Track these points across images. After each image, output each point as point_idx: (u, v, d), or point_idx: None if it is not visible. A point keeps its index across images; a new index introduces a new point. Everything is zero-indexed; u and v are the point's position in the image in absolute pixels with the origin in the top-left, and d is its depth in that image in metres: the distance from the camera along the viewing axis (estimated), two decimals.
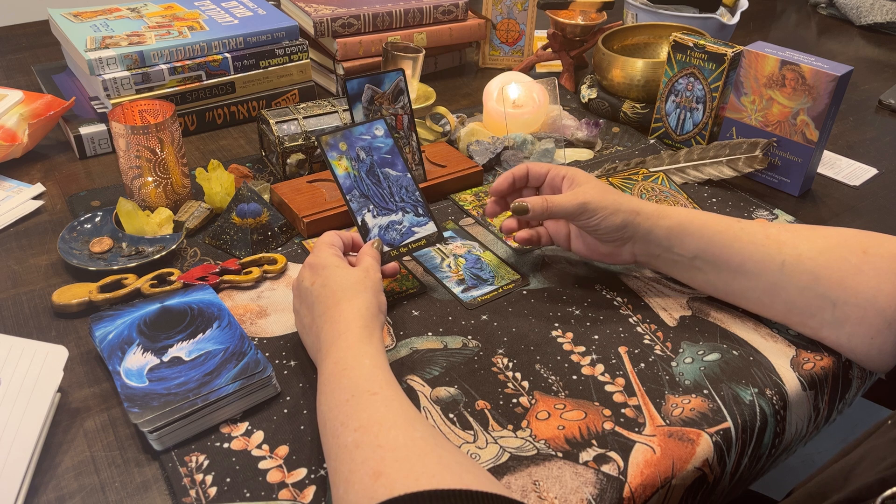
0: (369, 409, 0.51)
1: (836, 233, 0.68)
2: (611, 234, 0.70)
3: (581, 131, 1.02)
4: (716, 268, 0.69)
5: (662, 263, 0.73)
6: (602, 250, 0.73)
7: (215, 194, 0.83)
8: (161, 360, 0.62)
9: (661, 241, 0.70)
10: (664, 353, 0.69)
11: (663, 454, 0.59)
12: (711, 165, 0.95)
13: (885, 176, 1.01)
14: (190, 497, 0.54)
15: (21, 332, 0.69)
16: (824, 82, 0.86)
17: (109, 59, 0.95)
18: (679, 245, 0.70)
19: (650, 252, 0.71)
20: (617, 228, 0.69)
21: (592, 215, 0.69)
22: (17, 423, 0.56)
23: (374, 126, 0.75)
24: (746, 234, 0.68)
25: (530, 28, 1.24)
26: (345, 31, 1.11)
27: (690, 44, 0.96)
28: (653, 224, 0.70)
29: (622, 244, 0.72)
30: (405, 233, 0.73)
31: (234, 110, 1.05)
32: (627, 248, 0.72)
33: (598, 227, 0.69)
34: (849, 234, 0.67)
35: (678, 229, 0.69)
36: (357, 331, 0.58)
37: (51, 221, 0.84)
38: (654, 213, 0.70)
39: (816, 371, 0.67)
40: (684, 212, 0.71)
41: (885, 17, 1.52)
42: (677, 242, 0.70)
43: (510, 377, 0.65)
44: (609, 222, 0.69)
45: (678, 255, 0.70)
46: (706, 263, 0.69)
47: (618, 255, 0.73)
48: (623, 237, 0.70)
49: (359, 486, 0.46)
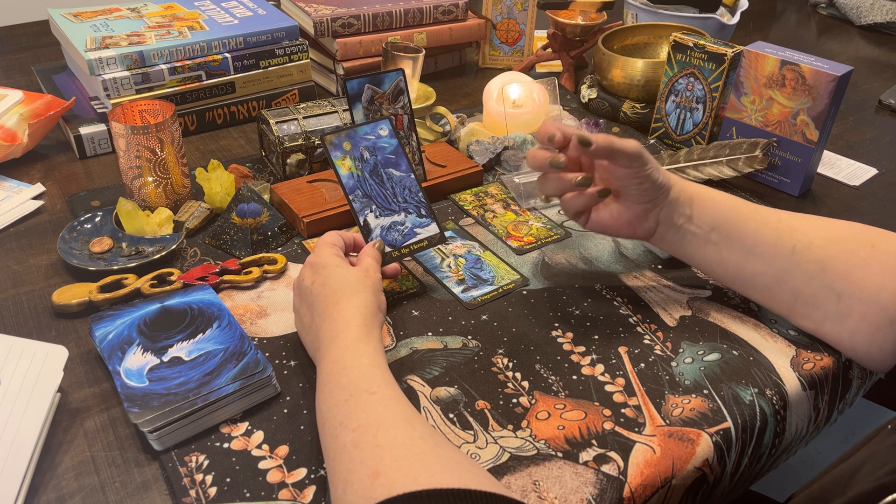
0: (368, 408, 0.51)
1: (846, 225, 0.68)
2: (651, 191, 0.68)
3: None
4: (730, 244, 0.69)
5: (680, 238, 0.71)
6: (627, 216, 0.71)
7: (215, 194, 0.83)
8: (161, 360, 0.62)
9: (684, 209, 0.70)
10: (664, 353, 0.69)
11: (663, 454, 0.59)
12: (711, 165, 0.95)
13: (885, 176, 1.01)
14: (190, 497, 0.54)
15: (21, 332, 0.69)
16: (824, 82, 0.86)
17: (109, 59, 0.95)
18: (699, 215, 0.69)
19: (672, 221, 0.70)
20: (659, 185, 0.68)
21: (646, 164, 0.67)
22: (17, 423, 0.56)
23: (378, 126, 0.75)
24: (761, 216, 0.69)
25: (530, 28, 1.24)
26: (345, 31, 1.11)
27: (690, 44, 0.96)
28: (680, 189, 0.70)
29: (651, 208, 0.70)
30: (407, 234, 0.73)
31: (234, 110, 1.05)
32: (654, 214, 0.70)
33: (648, 177, 0.67)
34: (859, 227, 0.67)
35: (699, 198, 0.70)
36: (356, 330, 0.58)
37: (51, 221, 0.84)
38: (679, 180, 0.71)
39: (816, 371, 0.67)
40: (700, 185, 0.71)
41: (885, 17, 1.52)
42: (698, 211, 0.69)
43: (510, 377, 0.65)
44: (655, 176, 0.68)
45: (696, 227, 0.70)
46: (722, 238, 0.69)
47: (642, 222, 0.71)
48: (657, 198, 0.69)
49: (358, 486, 0.46)
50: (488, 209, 0.89)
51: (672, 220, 0.70)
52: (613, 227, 0.72)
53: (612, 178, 0.70)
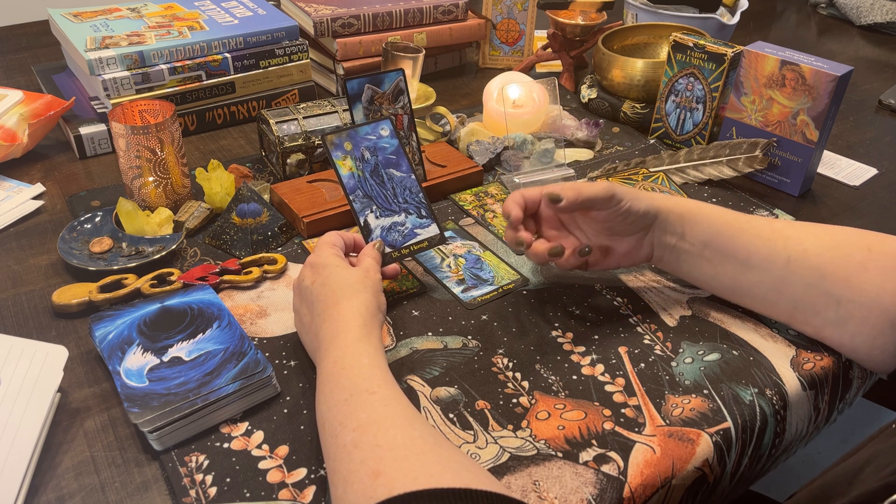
0: (368, 408, 0.51)
1: (841, 230, 0.68)
2: (637, 221, 0.69)
3: (581, 131, 1.02)
4: (724, 259, 0.69)
5: (675, 257, 0.72)
6: (623, 250, 0.72)
7: (215, 194, 0.83)
8: (161, 360, 0.62)
9: (675, 227, 0.70)
10: (664, 353, 0.69)
11: (663, 454, 0.59)
12: (711, 165, 0.95)
13: (885, 176, 1.01)
14: (190, 497, 0.54)
15: (21, 332, 0.69)
16: (824, 82, 0.86)
17: (109, 59, 0.95)
18: (690, 232, 0.70)
19: (665, 242, 0.71)
20: (643, 213, 0.69)
21: (621, 199, 0.68)
22: (17, 423, 0.56)
23: (379, 126, 0.74)
24: (752, 227, 0.69)
25: (530, 28, 1.24)
26: (345, 31, 1.11)
27: (690, 44, 0.96)
28: (668, 209, 0.70)
29: (643, 235, 0.71)
30: (407, 234, 0.73)
31: (234, 110, 1.05)
32: (647, 240, 0.71)
33: (629, 211, 0.68)
34: (854, 231, 0.67)
35: (688, 216, 0.70)
36: (356, 330, 0.58)
37: (51, 221, 0.84)
38: (665, 199, 0.71)
39: (816, 371, 0.67)
40: (691, 201, 0.72)
41: (885, 17, 1.52)
42: (689, 229, 0.70)
43: (510, 377, 0.65)
44: (636, 206, 0.68)
45: (689, 245, 0.70)
46: (715, 254, 0.69)
47: (637, 250, 0.72)
48: (646, 224, 0.70)
49: (358, 486, 0.46)
50: (488, 209, 0.89)
51: (665, 242, 0.71)
52: (613, 263, 0.74)
53: (594, 221, 0.71)
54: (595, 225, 0.72)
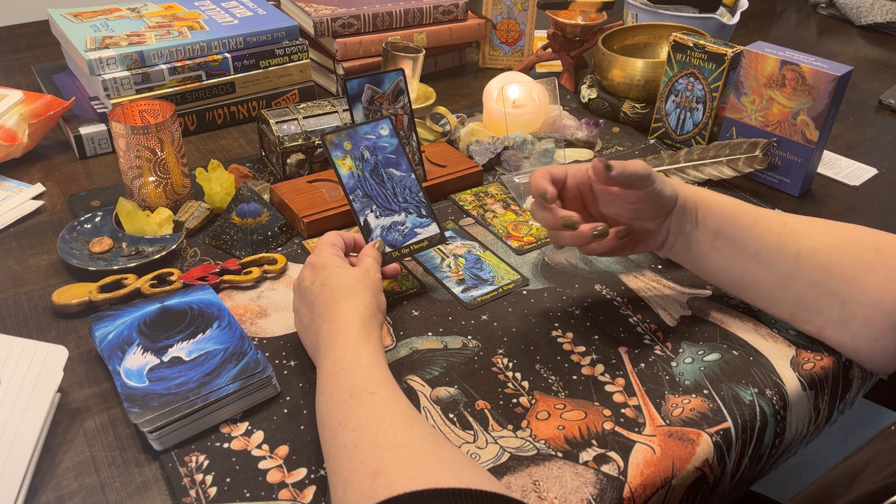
0: (367, 408, 0.51)
1: (850, 228, 0.67)
2: (664, 205, 0.68)
3: (581, 131, 1.02)
4: (733, 250, 0.68)
5: (686, 245, 0.70)
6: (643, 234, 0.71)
7: (215, 194, 0.83)
8: (161, 360, 0.62)
9: (691, 214, 0.69)
10: (664, 353, 0.69)
11: (663, 454, 0.59)
12: (711, 165, 0.95)
13: (885, 176, 1.01)
14: (190, 497, 0.54)
15: (21, 332, 0.69)
16: (824, 82, 0.86)
17: (109, 59, 0.95)
18: (703, 220, 0.69)
19: (681, 228, 0.70)
20: (669, 196, 0.68)
21: (654, 181, 0.67)
22: (17, 423, 0.56)
23: (379, 125, 0.74)
24: (764, 220, 0.68)
25: (530, 28, 1.24)
26: (345, 31, 1.11)
27: (690, 44, 0.96)
28: (686, 195, 0.69)
29: (664, 220, 0.70)
30: (407, 234, 0.73)
31: (234, 110, 1.05)
32: (665, 225, 0.70)
33: (660, 193, 0.67)
34: (864, 231, 0.67)
35: (703, 202, 0.69)
36: (355, 330, 0.58)
37: (51, 221, 0.84)
38: (683, 186, 0.70)
39: (816, 371, 0.67)
40: (704, 190, 0.71)
41: (885, 17, 1.52)
42: (703, 216, 0.69)
43: (510, 377, 0.65)
44: (664, 190, 0.68)
45: (702, 234, 0.69)
46: (725, 244, 0.68)
47: (654, 236, 0.71)
48: (669, 209, 0.69)
49: (358, 486, 0.46)
50: (488, 209, 0.89)
51: (681, 228, 0.70)
52: (633, 248, 0.72)
53: (623, 202, 0.69)
54: (624, 206, 0.69)
